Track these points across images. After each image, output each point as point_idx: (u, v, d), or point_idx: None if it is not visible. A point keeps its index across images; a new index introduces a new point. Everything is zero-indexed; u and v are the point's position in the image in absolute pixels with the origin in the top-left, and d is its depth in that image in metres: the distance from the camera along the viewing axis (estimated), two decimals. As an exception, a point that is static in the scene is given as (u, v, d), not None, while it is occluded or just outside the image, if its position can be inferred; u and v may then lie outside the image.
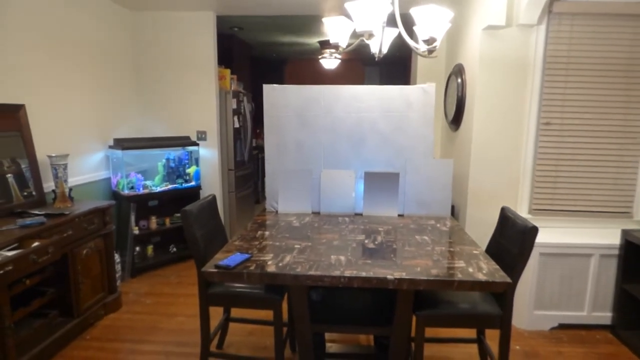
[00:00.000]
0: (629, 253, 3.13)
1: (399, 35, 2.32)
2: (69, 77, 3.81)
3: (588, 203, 3.45)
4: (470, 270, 2.02)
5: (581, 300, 3.27)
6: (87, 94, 4.08)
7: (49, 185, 3.39)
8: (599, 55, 3.28)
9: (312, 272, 1.98)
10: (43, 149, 3.40)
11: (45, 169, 3.35)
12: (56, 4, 3.63)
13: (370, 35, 2.12)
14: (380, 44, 2.30)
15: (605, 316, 3.28)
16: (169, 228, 4.72)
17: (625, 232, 3.15)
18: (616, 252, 3.19)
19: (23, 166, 3.18)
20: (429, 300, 2.36)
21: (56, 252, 2.71)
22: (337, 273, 1.97)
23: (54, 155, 3.29)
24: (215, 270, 2.01)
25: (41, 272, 2.85)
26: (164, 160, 4.72)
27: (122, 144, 4.28)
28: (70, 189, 3.40)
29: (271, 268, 2.03)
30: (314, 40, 7.08)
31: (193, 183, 4.85)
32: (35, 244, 2.59)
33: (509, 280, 1.92)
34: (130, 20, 4.81)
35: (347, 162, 3.25)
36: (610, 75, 3.29)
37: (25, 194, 3.17)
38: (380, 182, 3.10)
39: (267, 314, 2.83)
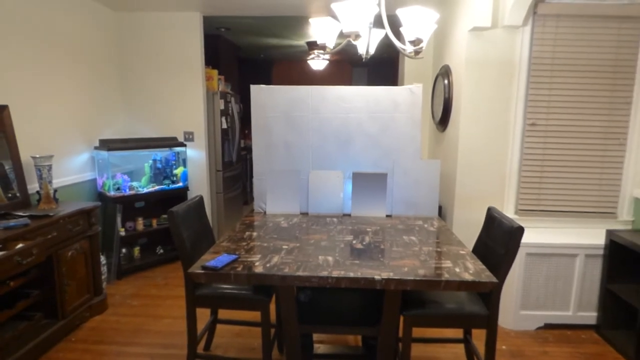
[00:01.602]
0: (614, 253, 3.17)
1: (386, 36, 2.34)
2: (53, 77, 3.77)
3: (573, 203, 3.49)
4: (457, 270, 2.03)
5: (566, 300, 3.30)
6: (72, 95, 4.03)
7: (33, 186, 3.34)
8: (584, 56, 3.32)
9: (300, 273, 1.97)
10: (27, 150, 3.35)
11: (30, 170, 3.31)
12: (40, 5, 3.58)
13: (357, 36, 2.12)
14: (367, 44, 2.31)
15: (590, 316, 3.32)
16: (155, 229, 4.68)
17: (609, 232, 3.19)
18: (601, 252, 3.22)
19: (7, 167, 3.13)
20: (416, 300, 2.37)
21: (41, 253, 2.68)
22: (324, 274, 1.97)
23: (38, 156, 3.25)
24: (202, 271, 2.00)
25: (25, 274, 2.82)
26: (150, 161, 4.69)
27: (107, 144, 4.24)
28: (55, 190, 3.36)
29: (259, 269, 2.02)
30: (301, 41, 7.08)
31: (180, 184, 4.82)
32: (20, 245, 2.56)
33: (495, 280, 1.93)
34: (115, 20, 4.77)
35: (334, 162, 3.25)
36: (595, 77, 3.33)
37: (9, 195, 3.12)
38: (369, 182, 3.10)
39: (255, 315, 2.83)
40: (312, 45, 7.13)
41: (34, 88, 3.54)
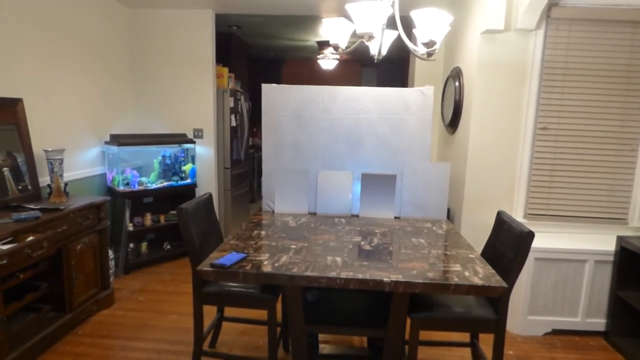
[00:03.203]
0: (624, 259, 3.14)
1: (398, 37, 2.33)
2: (66, 72, 3.80)
3: (583, 209, 3.46)
4: (467, 274, 2.02)
5: (575, 306, 3.28)
6: (84, 90, 4.06)
7: (44, 179, 3.37)
8: (597, 61, 3.29)
9: (308, 273, 1.97)
10: (39, 143, 3.38)
11: (41, 164, 3.33)
12: (54, 0, 3.62)
13: (370, 37, 2.12)
14: (379, 45, 2.30)
15: (599, 322, 3.29)
16: (163, 225, 4.70)
17: (620, 239, 3.16)
18: (611, 258, 3.20)
19: (19, 160, 3.16)
20: (424, 303, 2.36)
21: (50, 246, 2.69)
22: (333, 274, 1.96)
23: (50, 149, 3.28)
24: (211, 269, 2.00)
25: (35, 267, 2.84)
26: (160, 157, 4.71)
27: (118, 140, 4.26)
28: (66, 184, 3.39)
29: (267, 268, 2.02)
30: (312, 40, 7.08)
31: (189, 181, 4.84)
32: (30, 238, 2.57)
33: (505, 285, 1.92)
34: (129, 17, 4.80)
35: (344, 163, 3.25)
36: (608, 82, 3.30)
37: (21, 188, 3.15)
38: (377, 183, 3.09)
39: (261, 314, 2.83)
40: (323, 45, 7.12)
41: (48, 82, 3.57)
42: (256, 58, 8.50)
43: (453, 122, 3.93)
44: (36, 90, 3.44)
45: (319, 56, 7.76)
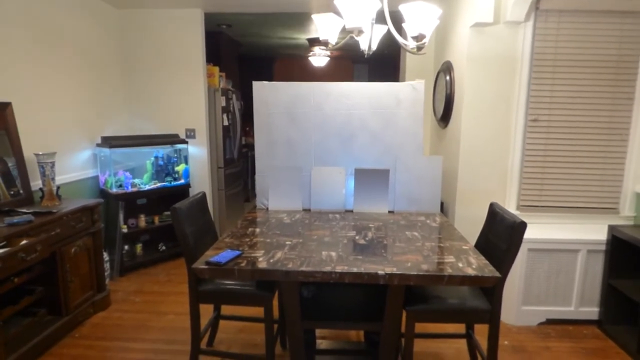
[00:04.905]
0: (616, 248, 3.17)
1: (388, 32, 2.34)
2: (56, 74, 3.77)
3: (575, 199, 3.49)
4: (460, 265, 2.03)
5: (568, 295, 3.31)
6: (74, 92, 4.04)
7: (36, 183, 3.36)
8: (586, 52, 3.32)
9: (303, 268, 1.98)
10: (30, 147, 3.36)
11: (33, 167, 3.32)
12: (43, 3, 3.58)
13: (360, 32, 2.12)
14: (369, 40, 2.31)
15: (592, 311, 3.32)
16: (158, 226, 4.69)
17: (611, 228, 3.19)
18: (603, 247, 3.23)
19: (10, 164, 3.14)
20: (419, 295, 2.37)
21: (44, 250, 2.68)
22: (328, 269, 1.97)
23: (41, 153, 3.26)
24: (206, 266, 2.01)
25: (29, 271, 2.83)
26: (152, 158, 4.70)
27: (109, 142, 4.24)
28: (58, 187, 3.37)
29: (262, 264, 2.03)
30: (302, 38, 7.07)
31: (182, 181, 4.83)
32: (23, 242, 2.56)
33: (498, 274, 1.94)
34: (118, 18, 4.78)
35: (337, 159, 3.25)
36: (597, 72, 3.33)
37: (13, 192, 3.13)
38: (371, 178, 3.10)
39: (258, 311, 2.84)
40: (313, 42, 7.12)
41: (37, 85, 3.55)
42: (247, 57, 8.49)
43: (445, 116, 3.94)
44: (25, 94, 3.42)
45: (309, 53, 7.76)
